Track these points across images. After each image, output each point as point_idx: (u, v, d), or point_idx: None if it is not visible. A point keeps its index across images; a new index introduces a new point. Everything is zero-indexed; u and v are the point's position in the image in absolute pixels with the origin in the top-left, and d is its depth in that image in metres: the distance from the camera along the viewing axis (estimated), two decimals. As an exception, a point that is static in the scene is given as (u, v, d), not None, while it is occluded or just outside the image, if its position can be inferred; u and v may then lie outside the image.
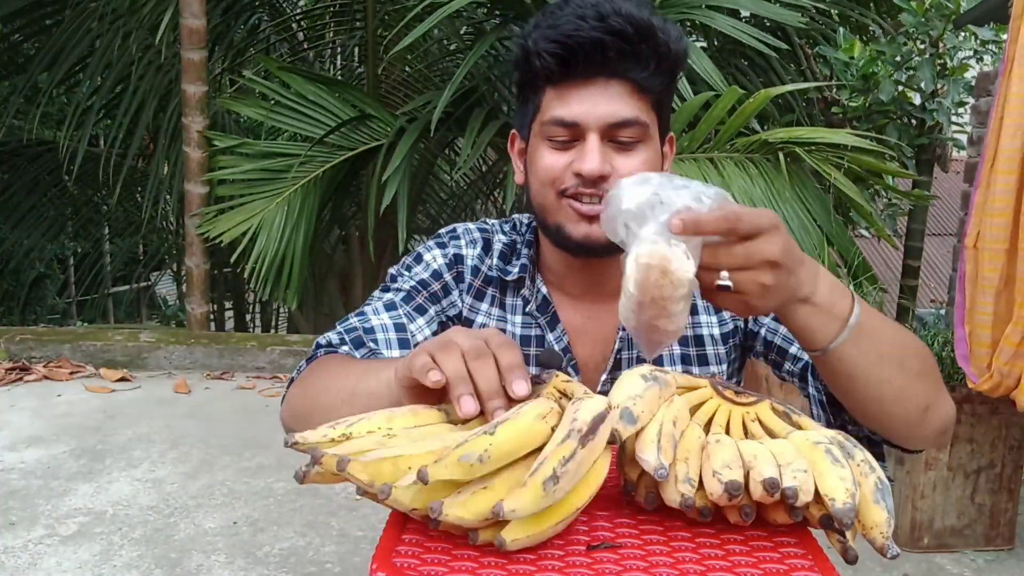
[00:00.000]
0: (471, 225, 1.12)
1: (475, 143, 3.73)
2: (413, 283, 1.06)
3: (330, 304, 5.46)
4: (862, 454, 0.68)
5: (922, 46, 4.00)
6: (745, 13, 4.03)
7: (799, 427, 0.73)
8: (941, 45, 3.94)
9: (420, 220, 6.25)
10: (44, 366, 3.81)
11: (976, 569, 2.32)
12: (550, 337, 1.06)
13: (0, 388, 3.58)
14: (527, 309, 1.07)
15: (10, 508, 2.48)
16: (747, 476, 0.64)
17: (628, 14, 0.91)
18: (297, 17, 5.89)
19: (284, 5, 5.82)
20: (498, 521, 0.61)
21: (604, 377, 1.07)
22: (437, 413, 0.71)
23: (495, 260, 1.08)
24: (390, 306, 1.04)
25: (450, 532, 0.64)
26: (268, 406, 3.42)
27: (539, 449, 0.63)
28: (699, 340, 1.07)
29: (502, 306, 1.08)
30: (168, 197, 5.47)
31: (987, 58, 4.47)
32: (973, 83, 3.47)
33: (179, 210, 5.30)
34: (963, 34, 3.99)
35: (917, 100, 4.16)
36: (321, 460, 0.63)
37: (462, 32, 5.48)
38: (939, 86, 4.03)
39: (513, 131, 1.09)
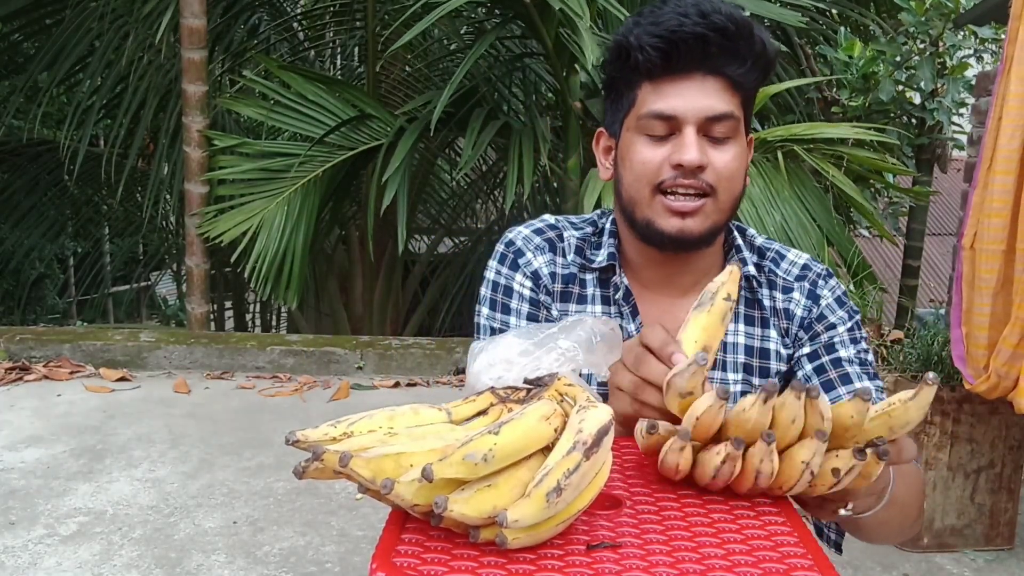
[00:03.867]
0: (523, 230, 1.10)
1: (476, 143, 3.73)
2: (524, 321, 1.06)
3: (330, 304, 5.46)
4: None
5: (922, 45, 4.00)
6: (745, 13, 4.02)
7: None
8: (941, 44, 3.94)
9: (420, 220, 6.24)
10: (44, 366, 3.81)
11: (976, 569, 2.32)
12: (631, 327, 1.05)
13: (0, 388, 3.58)
14: (615, 297, 1.07)
15: (10, 508, 2.48)
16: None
17: (729, 12, 0.94)
18: (297, 17, 5.89)
19: (284, 5, 5.82)
20: (499, 520, 0.61)
21: None
22: (439, 412, 0.72)
23: (571, 256, 1.08)
24: None
25: (450, 531, 0.64)
26: (268, 406, 3.43)
27: (542, 450, 0.63)
28: (764, 353, 1.05)
29: (580, 300, 1.08)
30: (168, 197, 5.47)
31: (987, 57, 4.47)
32: (973, 82, 3.47)
33: (179, 210, 5.30)
34: (963, 33, 3.99)
35: (917, 100, 4.16)
36: (323, 457, 0.63)
37: (462, 32, 5.47)
38: (939, 85, 4.03)
39: (600, 129, 1.09)
